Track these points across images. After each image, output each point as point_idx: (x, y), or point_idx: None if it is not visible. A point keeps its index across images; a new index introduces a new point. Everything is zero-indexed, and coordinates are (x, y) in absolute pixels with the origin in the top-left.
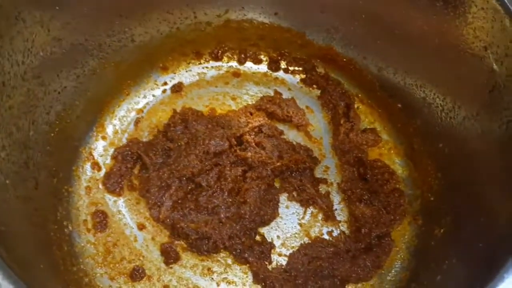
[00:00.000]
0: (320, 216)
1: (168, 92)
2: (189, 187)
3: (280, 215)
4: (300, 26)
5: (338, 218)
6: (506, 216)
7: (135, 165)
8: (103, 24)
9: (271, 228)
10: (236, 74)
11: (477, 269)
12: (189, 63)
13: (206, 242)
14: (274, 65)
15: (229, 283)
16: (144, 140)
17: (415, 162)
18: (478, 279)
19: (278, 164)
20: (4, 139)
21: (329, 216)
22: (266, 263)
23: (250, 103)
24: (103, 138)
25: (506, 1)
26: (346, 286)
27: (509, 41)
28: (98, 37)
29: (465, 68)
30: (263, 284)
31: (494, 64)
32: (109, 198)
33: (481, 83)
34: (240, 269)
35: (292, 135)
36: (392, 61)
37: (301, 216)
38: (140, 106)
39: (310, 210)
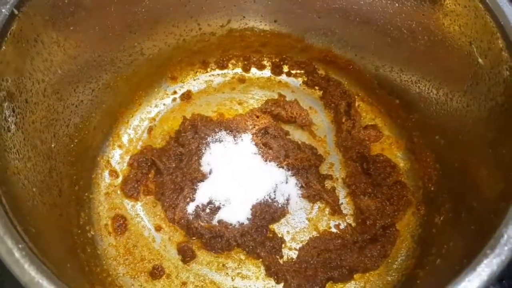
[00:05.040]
0: (327, 211)
1: (178, 100)
2: None
3: (289, 211)
4: (299, 31)
5: (344, 211)
6: (493, 199)
7: (150, 171)
8: (114, 40)
9: (281, 224)
10: (242, 80)
11: (469, 249)
12: (196, 72)
13: (219, 240)
14: (277, 70)
15: (243, 277)
16: (158, 146)
17: (415, 155)
18: (468, 257)
19: (285, 163)
20: (30, 151)
21: (335, 210)
22: (278, 257)
23: (256, 106)
24: (119, 146)
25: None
26: (354, 275)
27: (491, 35)
28: (110, 53)
29: (453, 63)
30: (275, 277)
31: (479, 58)
32: (127, 203)
33: (469, 76)
34: (253, 264)
35: (297, 135)
36: (387, 59)
37: (309, 211)
38: (152, 115)
39: (317, 205)
